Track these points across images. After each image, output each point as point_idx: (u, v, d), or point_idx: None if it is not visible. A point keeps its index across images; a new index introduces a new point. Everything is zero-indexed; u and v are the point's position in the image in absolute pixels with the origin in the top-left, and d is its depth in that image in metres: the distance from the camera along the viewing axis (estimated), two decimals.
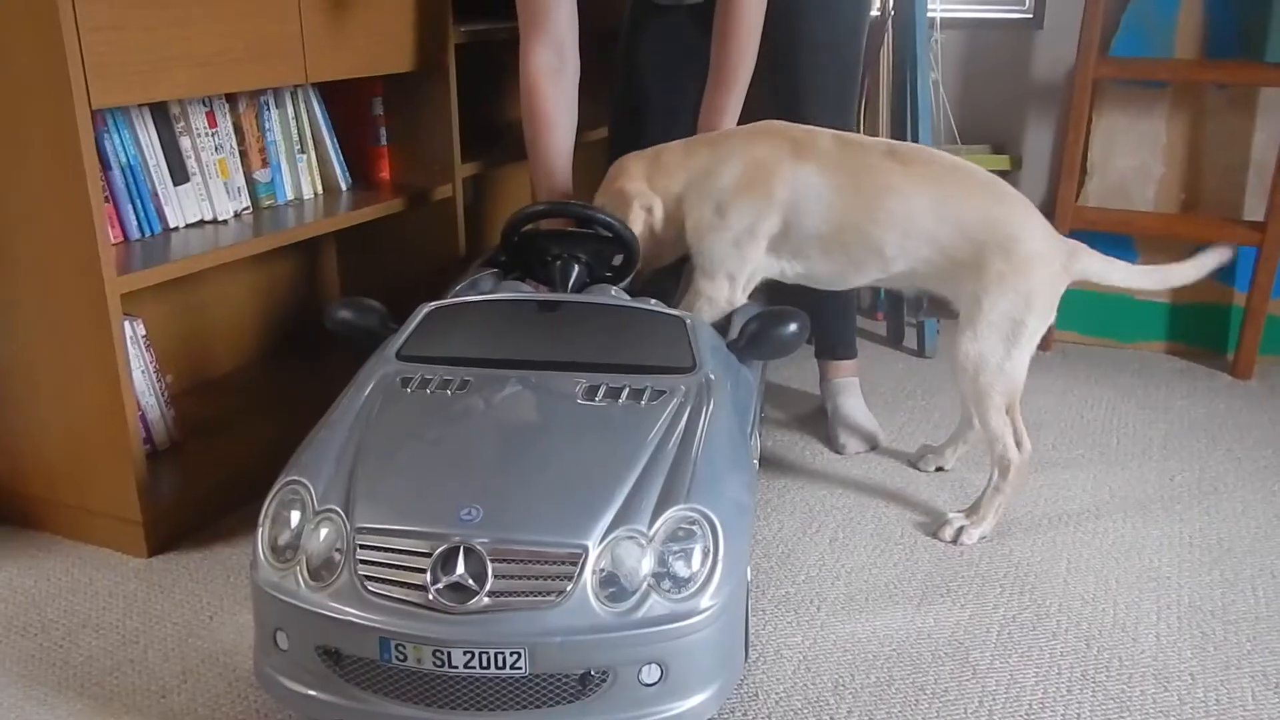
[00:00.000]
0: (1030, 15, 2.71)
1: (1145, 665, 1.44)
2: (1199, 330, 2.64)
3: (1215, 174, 2.58)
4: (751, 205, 1.69)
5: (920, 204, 1.68)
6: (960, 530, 1.76)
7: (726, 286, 1.73)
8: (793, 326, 1.54)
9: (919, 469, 2.02)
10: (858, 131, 2.60)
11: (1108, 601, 1.59)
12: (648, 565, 1.15)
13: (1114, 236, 2.63)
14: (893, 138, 2.61)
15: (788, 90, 2.02)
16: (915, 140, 2.50)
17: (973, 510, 1.79)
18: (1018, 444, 1.74)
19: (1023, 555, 1.72)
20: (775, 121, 1.78)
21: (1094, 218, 2.58)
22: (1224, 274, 2.58)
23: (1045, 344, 2.64)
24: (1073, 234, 2.57)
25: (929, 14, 2.51)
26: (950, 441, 2.02)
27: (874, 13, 2.61)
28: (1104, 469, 2.03)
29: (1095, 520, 1.84)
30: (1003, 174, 2.63)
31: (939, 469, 2.02)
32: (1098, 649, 1.48)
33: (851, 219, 1.69)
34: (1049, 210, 2.69)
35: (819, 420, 2.21)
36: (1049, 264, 1.68)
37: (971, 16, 2.75)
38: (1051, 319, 1.72)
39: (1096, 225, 2.57)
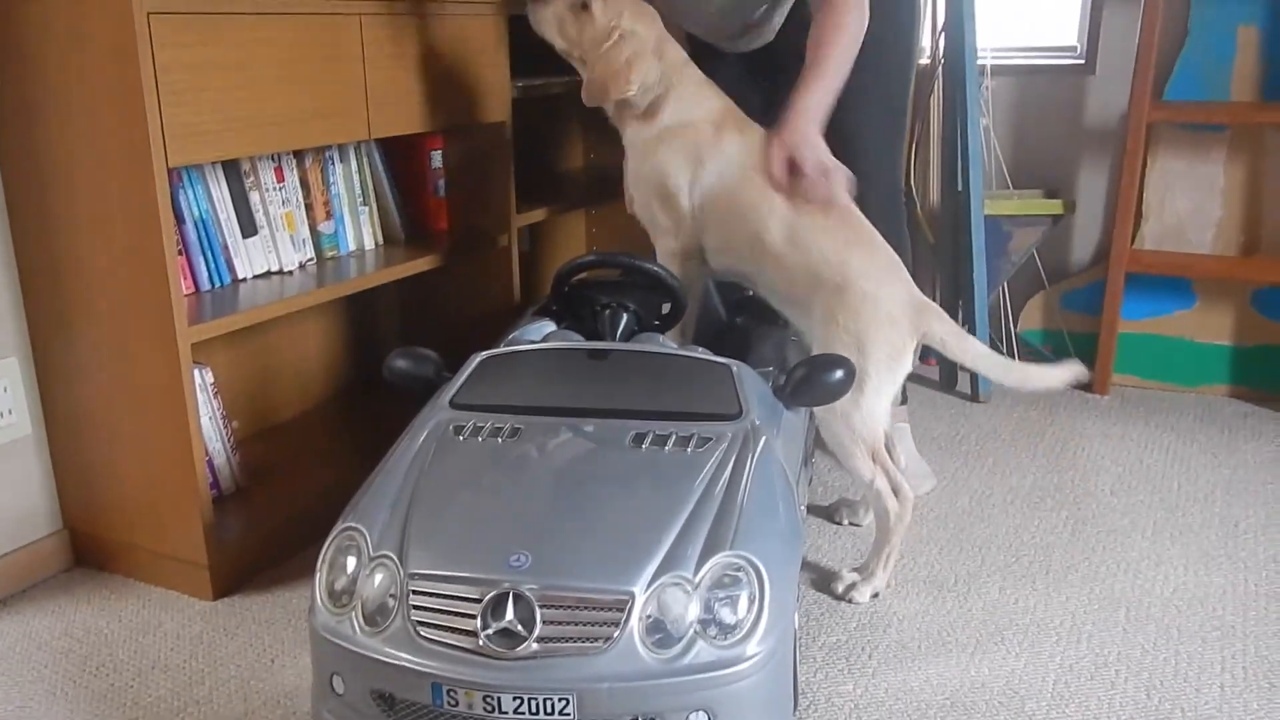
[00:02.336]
0: (1082, 60, 2.70)
1: (1209, 716, 1.41)
2: (1265, 373, 2.59)
3: (1275, 216, 2.54)
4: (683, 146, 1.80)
5: (782, 216, 1.72)
6: (851, 586, 1.70)
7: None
8: (839, 373, 1.55)
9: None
10: (907, 179, 2.61)
11: (1169, 651, 1.56)
12: (694, 612, 1.17)
13: (1172, 280, 2.60)
14: (943, 184, 2.62)
15: (835, 136, 2.05)
16: (966, 187, 2.50)
17: (863, 567, 1.73)
18: (895, 491, 1.69)
19: (1079, 604, 1.70)
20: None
21: (1150, 261, 2.55)
22: None
23: (1101, 388, 2.62)
24: (1129, 278, 2.56)
25: (979, 61, 2.52)
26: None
27: (923, 61, 2.63)
28: (1164, 515, 1.99)
29: (1155, 568, 1.80)
30: (1056, 218, 2.64)
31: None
32: (1159, 699, 1.45)
33: (737, 194, 1.76)
34: (1103, 253, 2.67)
35: None
36: (881, 311, 1.64)
37: (1022, 63, 2.75)
38: (901, 371, 1.68)
39: (1153, 268, 2.54)
